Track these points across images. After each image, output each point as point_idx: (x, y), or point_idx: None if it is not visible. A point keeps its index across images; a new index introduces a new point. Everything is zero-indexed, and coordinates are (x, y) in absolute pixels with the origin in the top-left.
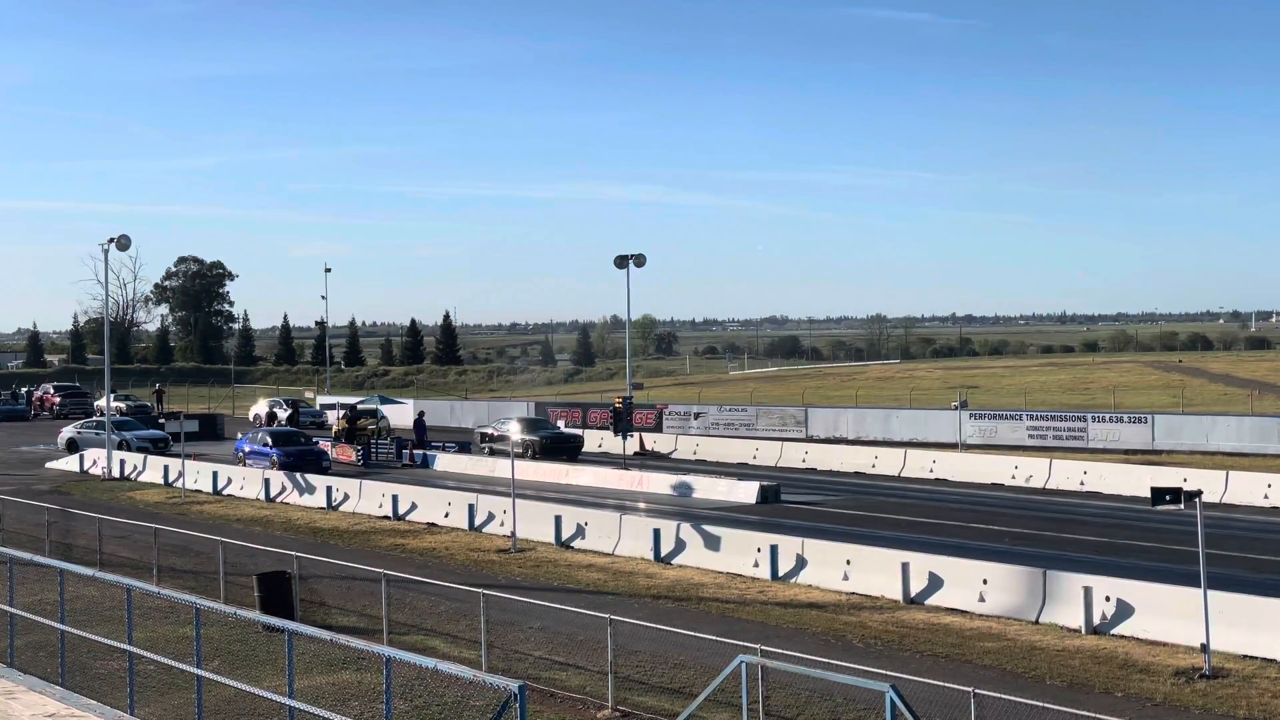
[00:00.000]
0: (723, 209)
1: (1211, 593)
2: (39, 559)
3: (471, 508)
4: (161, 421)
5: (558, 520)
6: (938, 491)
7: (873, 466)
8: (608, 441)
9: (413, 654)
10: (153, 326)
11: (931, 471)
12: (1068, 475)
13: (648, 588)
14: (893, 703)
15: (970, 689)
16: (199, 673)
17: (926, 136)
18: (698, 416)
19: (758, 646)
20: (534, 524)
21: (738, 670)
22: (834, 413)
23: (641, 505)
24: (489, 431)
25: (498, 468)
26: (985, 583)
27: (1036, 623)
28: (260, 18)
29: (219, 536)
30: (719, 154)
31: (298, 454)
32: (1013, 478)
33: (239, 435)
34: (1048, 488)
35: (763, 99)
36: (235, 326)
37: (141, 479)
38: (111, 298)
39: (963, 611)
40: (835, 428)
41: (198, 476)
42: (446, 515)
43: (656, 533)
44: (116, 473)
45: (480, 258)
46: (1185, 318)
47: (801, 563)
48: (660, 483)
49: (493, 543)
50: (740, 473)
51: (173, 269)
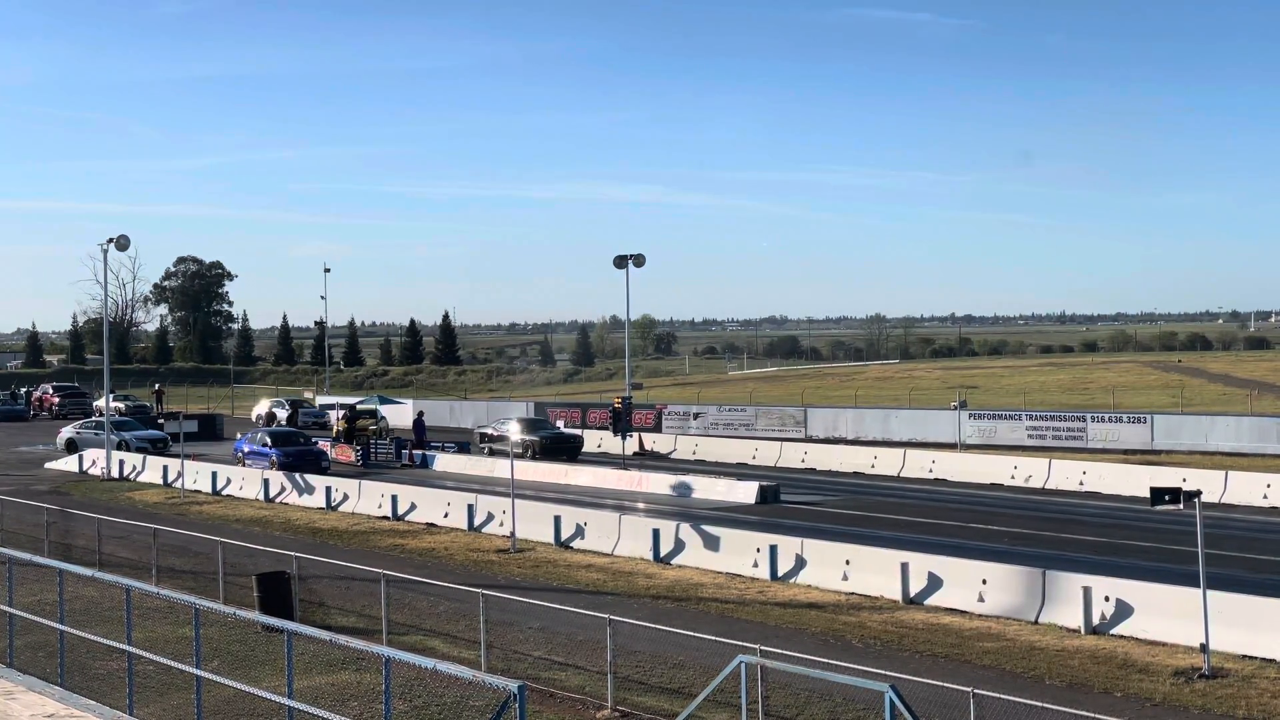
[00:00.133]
0: (722, 209)
1: (1211, 593)
2: (38, 559)
3: (471, 508)
4: (161, 422)
5: (557, 520)
6: (937, 491)
7: (872, 467)
8: (607, 441)
9: (412, 654)
10: (152, 327)
11: (931, 471)
12: (1067, 475)
13: (647, 588)
14: (892, 703)
15: (969, 689)
16: (198, 673)
17: (926, 136)
18: (697, 416)
19: (757, 647)
20: (533, 524)
21: (737, 670)
22: (833, 413)
23: (641, 505)
24: (489, 432)
25: (497, 468)
26: (984, 583)
27: (1036, 623)
28: (260, 18)
29: (218, 537)
30: (718, 154)
31: (297, 454)
32: (1012, 478)
33: (238, 435)
34: (1047, 488)
35: (762, 99)
36: (234, 327)
37: (141, 479)
38: (111, 298)
39: (962, 611)
40: (834, 428)
41: (197, 477)
42: (446, 515)
43: (656, 533)
44: (115, 473)
45: (479, 258)
46: (1184, 318)
47: (801, 563)
48: (659, 483)
49: (492, 543)
50: (739, 473)
51: (172, 269)
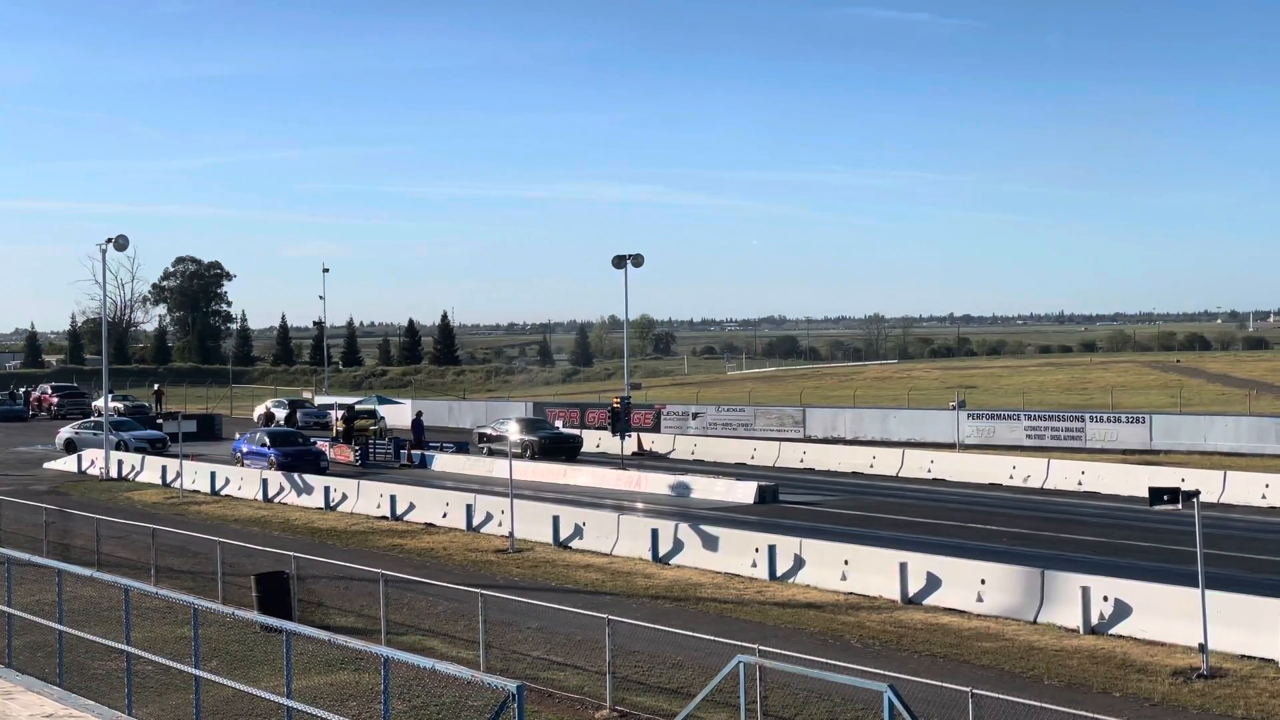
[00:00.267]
0: (721, 209)
1: (1209, 592)
2: (37, 559)
3: (469, 508)
4: (159, 422)
5: (556, 520)
6: (936, 491)
7: (870, 466)
8: (606, 441)
9: (411, 654)
10: (151, 327)
11: (929, 471)
12: (1065, 475)
13: (646, 588)
14: (891, 703)
15: (968, 689)
16: (197, 673)
17: (925, 136)
18: (696, 416)
19: (756, 646)
20: (532, 524)
21: (736, 670)
22: (832, 413)
23: (639, 505)
24: (488, 432)
25: (495, 468)
26: (983, 583)
27: (1034, 623)
28: (259, 18)
29: (217, 537)
30: (717, 154)
31: (295, 454)
32: (1010, 478)
33: (237, 435)
34: (1045, 488)
35: (761, 99)
36: (233, 327)
37: (139, 479)
38: (109, 298)
39: (961, 611)
40: (833, 428)
41: (196, 477)
42: (444, 515)
43: (654, 533)
44: (114, 473)
45: (478, 258)
46: (1183, 318)
47: (799, 563)
48: (658, 483)
49: (491, 543)
50: (738, 473)
51: (171, 269)
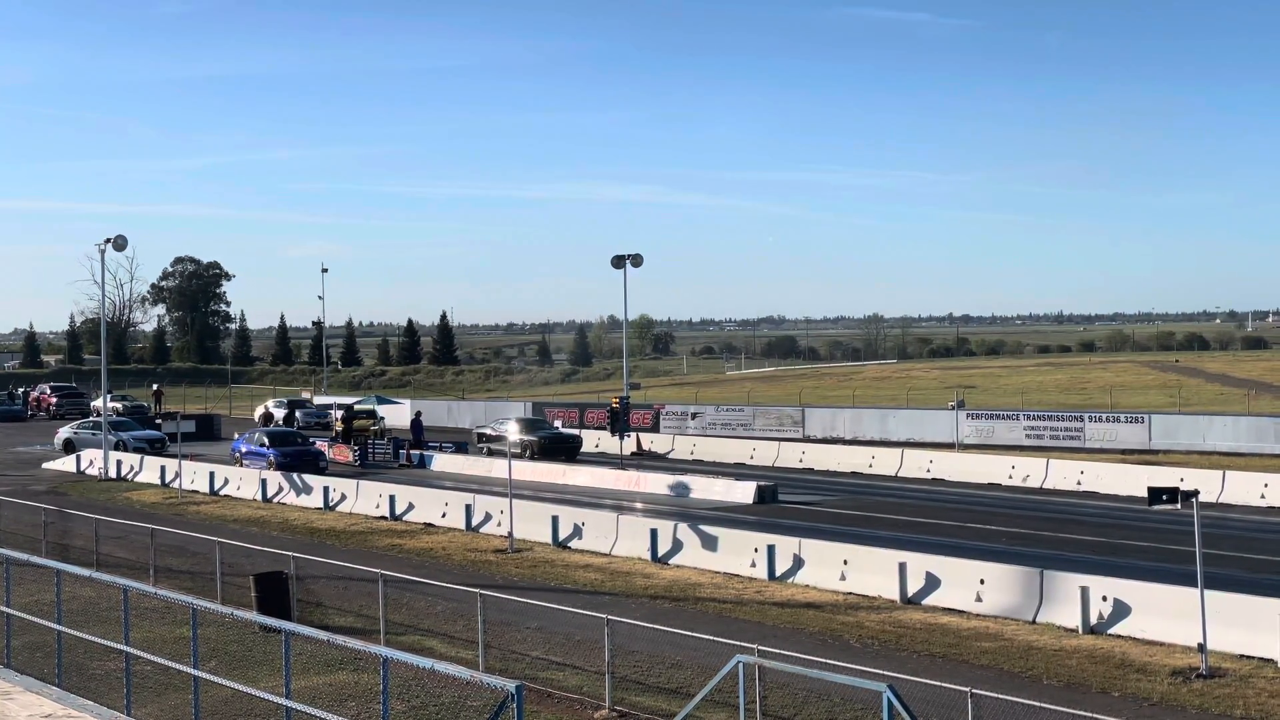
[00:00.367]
0: (720, 209)
1: (1208, 592)
2: (36, 559)
3: (468, 508)
4: (158, 422)
5: (555, 520)
6: (935, 491)
7: (870, 466)
8: (605, 441)
9: (410, 654)
10: (149, 327)
11: (928, 471)
12: (1064, 475)
13: (645, 588)
14: (890, 703)
15: (967, 689)
16: (196, 673)
17: (924, 136)
18: (695, 416)
19: (755, 646)
20: (531, 524)
21: (735, 670)
22: (831, 413)
23: (639, 505)
24: (487, 432)
25: (494, 468)
26: (982, 583)
27: (1033, 622)
28: (259, 18)
29: (216, 537)
30: (716, 154)
31: (294, 454)
32: (1009, 477)
33: (236, 435)
34: (1045, 487)
35: (761, 99)
36: (232, 327)
37: (138, 479)
38: (108, 298)
39: (960, 611)
40: (832, 428)
41: (195, 477)
42: (444, 515)
43: (654, 533)
44: (113, 473)
45: (477, 257)
46: (1182, 317)
47: (799, 563)
48: (657, 483)
49: (490, 543)
50: (737, 473)
51: (169, 269)
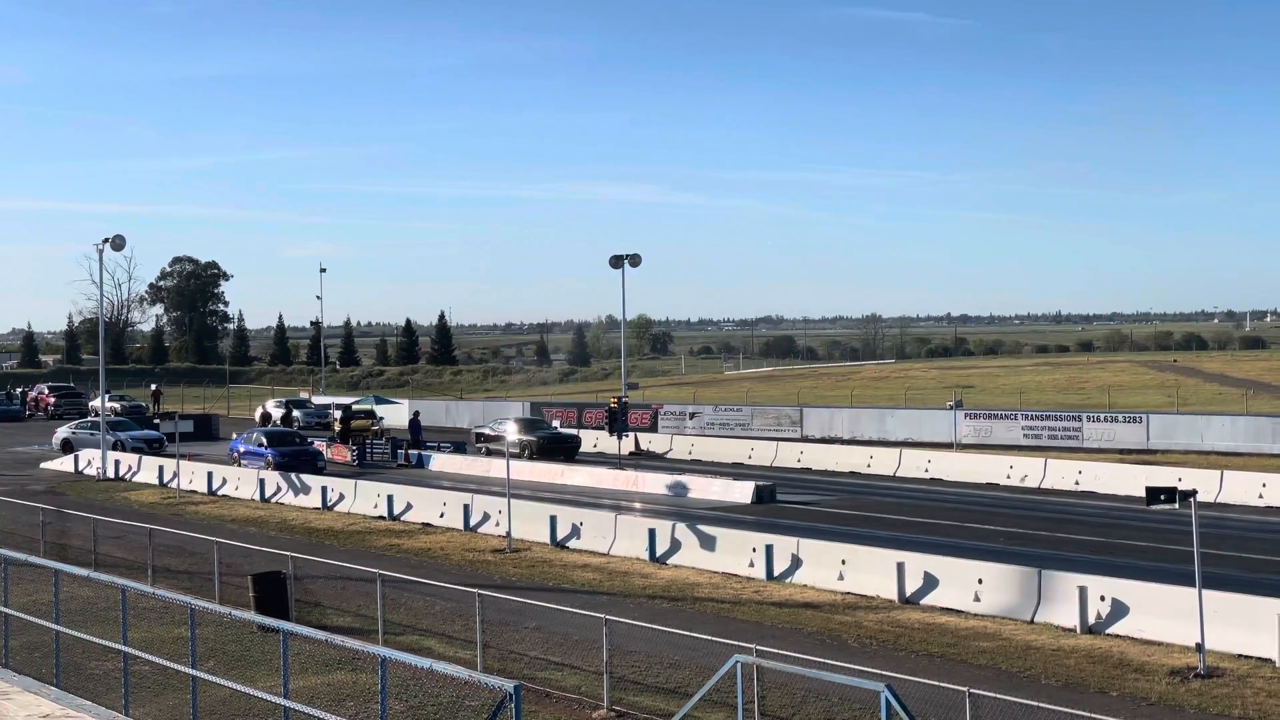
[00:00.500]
0: (719, 209)
1: (1206, 592)
2: (34, 559)
3: (467, 508)
4: (156, 422)
5: (553, 520)
6: (933, 491)
7: (868, 466)
8: (603, 441)
9: (408, 654)
10: (148, 327)
11: (927, 471)
12: (1063, 475)
13: (643, 588)
14: (888, 702)
15: (965, 689)
16: (194, 673)
17: (922, 136)
18: (693, 416)
19: (753, 646)
20: (529, 524)
21: (733, 670)
22: (829, 412)
23: (637, 505)
24: (486, 431)
25: (493, 468)
26: (980, 582)
27: (1032, 622)
28: (258, 18)
29: (214, 537)
30: (714, 154)
31: (293, 454)
32: (1008, 477)
33: (234, 436)
34: (1043, 487)
35: (761, 98)
36: (230, 327)
37: (136, 479)
38: (106, 298)
39: (958, 611)
40: (830, 427)
41: (193, 477)
42: (442, 515)
43: (652, 533)
44: (111, 473)
45: (476, 257)
46: (1180, 317)
47: (797, 562)
48: (655, 483)
49: (488, 543)
50: (735, 473)
51: (168, 269)
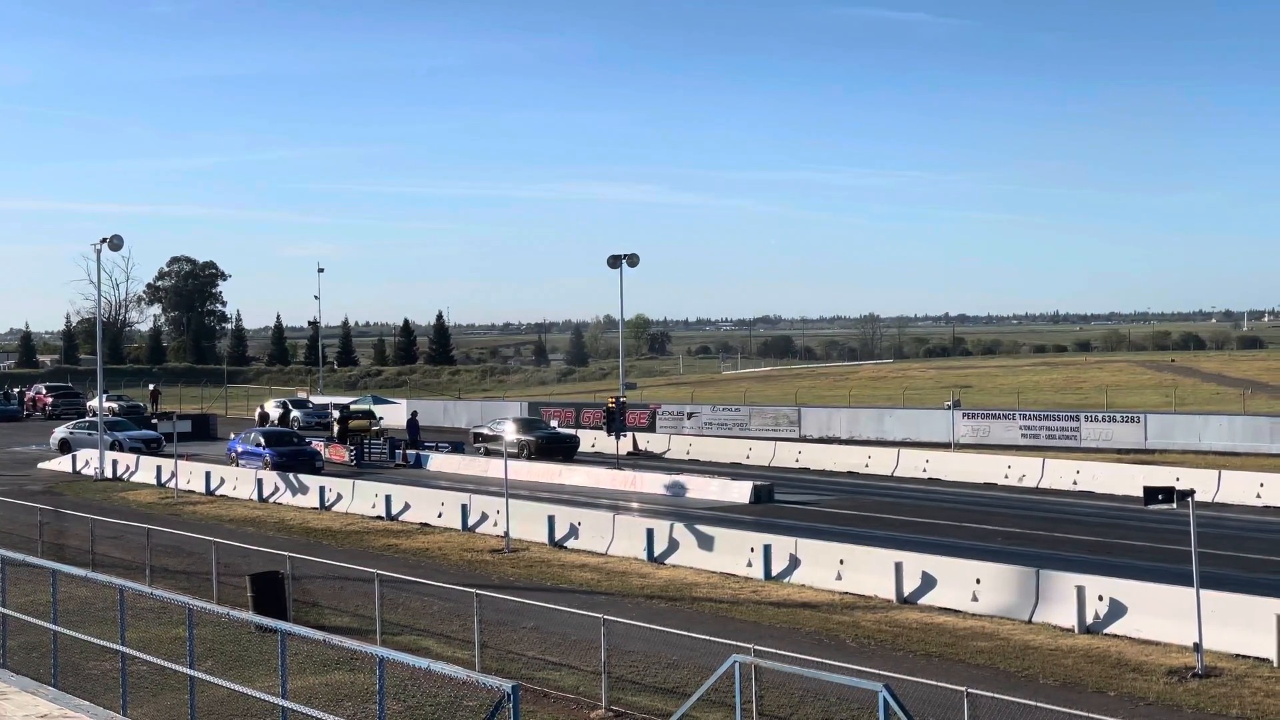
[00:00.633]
0: (717, 209)
1: (1204, 592)
2: (31, 560)
3: (465, 508)
4: (154, 422)
5: (551, 520)
6: (931, 491)
7: (866, 466)
8: (601, 441)
9: (406, 654)
10: (145, 327)
11: (925, 471)
12: (1060, 475)
13: (641, 588)
14: (886, 702)
15: (963, 688)
16: (192, 673)
17: (921, 136)
18: (691, 416)
19: (751, 646)
20: (527, 524)
21: (731, 670)
22: (827, 412)
23: (635, 505)
24: (484, 431)
25: (491, 468)
26: (978, 582)
27: (1029, 622)
28: (258, 18)
29: (212, 537)
30: (713, 153)
31: (290, 454)
32: (1006, 477)
33: (232, 436)
34: (1041, 487)
35: (760, 99)
36: (228, 326)
37: (134, 479)
38: (104, 298)
39: (956, 611)
40: (828, 427)
41: (190, 477)
42: (440, 515)
43: (650, 532)
44: (109, 473)
45: (474, 257)
46: (1178, 317)
47: (795, 562)
48: (653, 483)
49: (486, 543)
50: (734, 472)
51: (165, 269)
